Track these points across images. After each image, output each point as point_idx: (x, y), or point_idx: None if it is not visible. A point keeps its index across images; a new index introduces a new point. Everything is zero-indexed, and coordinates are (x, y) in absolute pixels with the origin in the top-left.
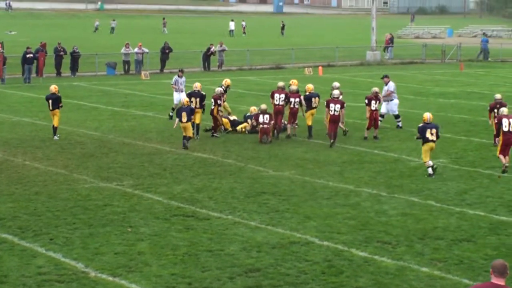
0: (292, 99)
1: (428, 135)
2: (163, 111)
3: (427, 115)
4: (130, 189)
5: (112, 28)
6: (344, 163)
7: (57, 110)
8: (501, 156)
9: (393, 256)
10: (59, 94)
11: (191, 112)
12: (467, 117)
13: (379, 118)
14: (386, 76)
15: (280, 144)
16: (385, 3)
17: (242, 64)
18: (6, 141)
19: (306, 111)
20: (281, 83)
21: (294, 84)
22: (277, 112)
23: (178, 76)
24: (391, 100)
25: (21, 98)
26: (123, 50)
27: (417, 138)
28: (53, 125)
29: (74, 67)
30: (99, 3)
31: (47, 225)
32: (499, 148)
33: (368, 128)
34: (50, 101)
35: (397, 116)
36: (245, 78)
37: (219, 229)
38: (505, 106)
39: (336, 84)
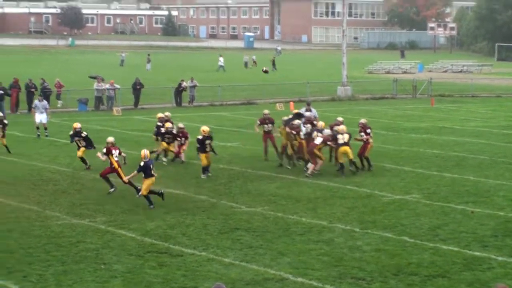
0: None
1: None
2: (135, 147)
3: (144, 152)
4: (103, 225)
5: (122, 61)
6: (317, 198)
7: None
8: None
9: None
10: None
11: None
12: (439, 152)
13: None
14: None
15: (253, 180)
16: (356, 38)
17: (213, 100)
18: None
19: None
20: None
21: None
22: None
23: None
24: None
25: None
26: (95, 86)
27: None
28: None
29: None
30: (70, 39)
31: (20, 262)
32: None
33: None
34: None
35: None
36: (217, 114)
37: (193, 265)
38: None
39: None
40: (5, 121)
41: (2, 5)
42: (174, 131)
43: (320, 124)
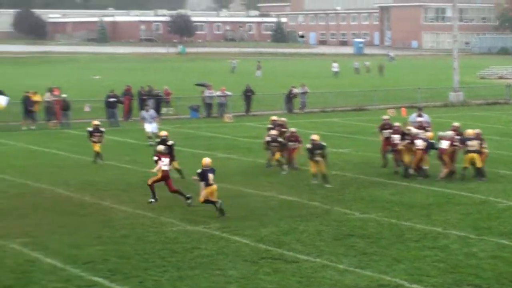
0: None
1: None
2: (248, 153)
3: (206, 160)
4: (217, 232)
5: (233, 68)
6: (431, 205)
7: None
8: None
9: None
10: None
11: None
12: None
13: None
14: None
15: (366, 186)
16: (467, 43)
17: (325, 106)
18: (92, 184)
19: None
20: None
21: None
22: None
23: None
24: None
25: (106, 141)
26: (206, 93)
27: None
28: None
29: (157, 110)
30: (180, 46)
31: (136, 268)
32: None
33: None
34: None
35: None
36: (328, 120)
37: (307, 272)
38: None
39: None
40: (102, 129)
41: (113, 14)
42: (280, 139)
43: (428, 134)
